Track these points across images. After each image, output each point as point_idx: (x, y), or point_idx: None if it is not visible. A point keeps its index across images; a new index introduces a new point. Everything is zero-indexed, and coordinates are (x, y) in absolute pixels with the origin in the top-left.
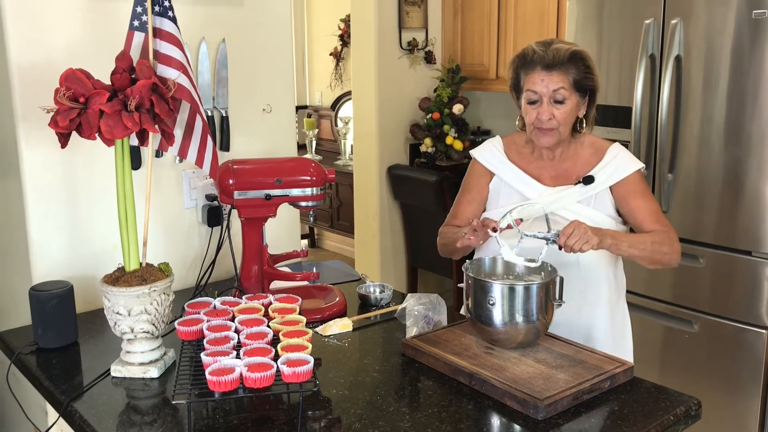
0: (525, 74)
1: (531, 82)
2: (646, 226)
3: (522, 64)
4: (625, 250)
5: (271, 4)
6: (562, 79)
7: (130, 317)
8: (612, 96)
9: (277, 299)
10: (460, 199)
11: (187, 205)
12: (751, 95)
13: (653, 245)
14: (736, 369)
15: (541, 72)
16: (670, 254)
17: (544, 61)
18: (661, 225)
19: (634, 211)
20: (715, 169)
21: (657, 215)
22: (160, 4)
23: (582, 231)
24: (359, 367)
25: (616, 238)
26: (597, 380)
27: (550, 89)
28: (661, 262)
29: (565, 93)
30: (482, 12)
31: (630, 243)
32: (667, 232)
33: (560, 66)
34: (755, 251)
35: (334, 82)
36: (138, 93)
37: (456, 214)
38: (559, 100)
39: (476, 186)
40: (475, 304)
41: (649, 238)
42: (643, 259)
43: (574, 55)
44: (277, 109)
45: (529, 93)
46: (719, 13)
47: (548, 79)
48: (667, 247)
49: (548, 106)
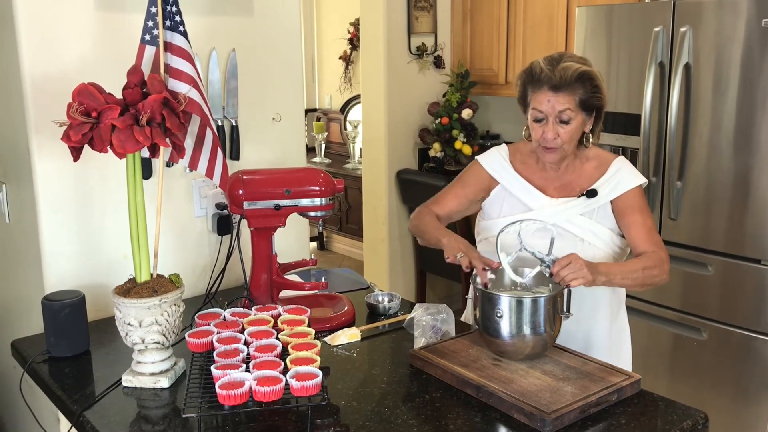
0: (532, 91)
1: (537, 101)
2: (638, 243)
3: (529, 81)
4: (618, 283)
5: (281, 15)
6: (569, 100)
7: (141, 328)
8: (621, 103)
9: (286, 310)
10: (450, 190)
11: (198, 214)
12: (760, 103)
13: (644, 271)
14: (745, 377)
15: (547, 92)
16: (659, 276)
17: (552, 81)
18: (652, 244)
19: (630, 226)
20: (724, 177)
21: (651, 233)
22: (171, 19)
23: (578, 266)
24: (367, 377)
25: (609, 275)
26: (604, 393)
27: (556, 109)
28: (650, 284)
29: (571, 114)
30: (491, 17)
31: (623, 275)
32: (658, 252)
33: (567, 87)
34: (764, 259)
35: (343, 86)
36: (149, 107)
37: (440, 201)
38: (564, 120)
39: (471, 186)
40: (483, 316)
41: (640, 265)
42: (635, 287)
43: (582, 75)
44: (286, 117)
45: (535, 111)
46: (728, 21)
47: (554, 100)
48: (657, 270)
49: (554, 126)
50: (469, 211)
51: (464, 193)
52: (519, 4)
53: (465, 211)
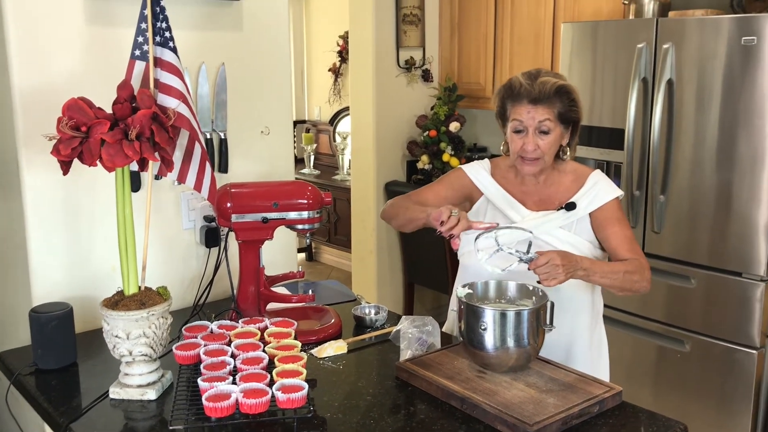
0: (511, 105)
1: (517, 113)
2: (619, 253)
3: (509, 95)
4: (597, 280)
5: (270, 30)
6: (548, 112)
7: (128, 340)
8: (606, 118)
9: (273, 323)
10: (431, 188)
11: (186, 226)
12: (742, 119)
13: (625, 275)
14: (728, 388)
15: (527, 105)
16: (640, 282)
17: (531, 95)
18: (633, 253)
19: (609, 238)
20: (706, 191)
21: (631, 243)
22: (161, 35)
23: (552, 267)
24: (353, 389)
25: (589, 270)
26: (586, 405)
27: (536, 120)
28: (632, 289)
29: (550, 125)
30: (479, 32)
31: (602, 273)
32: (639, 260)
33: (546, 100)
34: (745, 272)
35: (332, 98)
36: (139, 122)
37: (418, 194)
38: (544, 131)
39: (452, 190)
40: (468, 328)
41: (622, 268)
42: (614, 287)
43: (559, 89)
44: (275, 130)
45: (515, 122)
46: (710, 39)
47: (534, 112)
48: (638, 276)
49: (533, 137)
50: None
51: (445, 195)
52: (506, 19)
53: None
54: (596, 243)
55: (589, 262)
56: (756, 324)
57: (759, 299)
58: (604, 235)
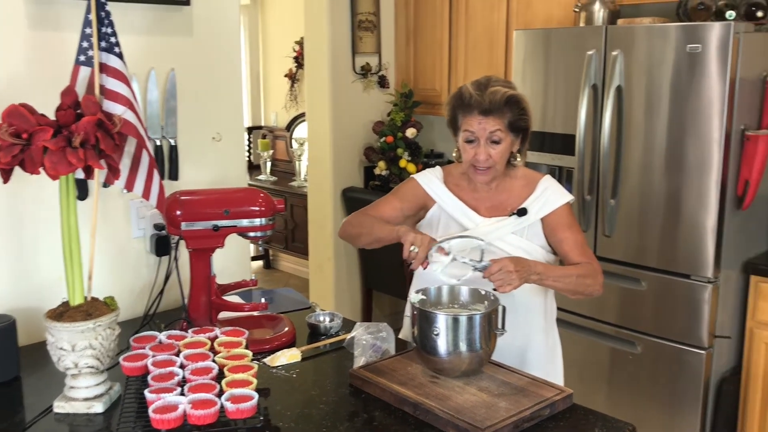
0: (462, 115)
1: (468, 124)
2: (571, 258)
3: (459, 105)
4: (550, 284)
5: (222, 35)
6: (498, 123)
7: (74, 352)
8: (557, 124)
9: (223, 332)
10: (387, 201)
11: (135, 235)
12: (690, 125)
13: (578, 278)
14: (678, 388)
15: (478, 116)
16: (593, 286)
17: (482, 106)
18: (585, 257)
19: (561, 242)
20: (656, 196)
21: (582, 247)
22: (107, 40)
23: (505, 273)
24: (307, 398)
25: (542, 274)
26: (537, 408)
27: (487, 131)
28: (584, 293)
29: (501, 135)
30: (434, 39)
31: (555, 277)
32: (591, 264)
33: (497, 110)
34: (694, 275)
35: (289, 103)
36: (83, 129)
37: (376, 209)
38: (495, 141)
39: (407, 201)
40: (421, 334)
41: (575, 272)
42: (567, 291)
43: (509, 99)
44: (227, 137)
45: (466, 133)
46: (657, 46)
47: (485, 122)
48: (591, 280)
49: (485, 147)
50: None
51: (401, 206)
52: (460, 26)
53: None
54: (548, 248)
55: (542, 267)
56: (704, 325)
57: (707, 301)
58: (556, 240)
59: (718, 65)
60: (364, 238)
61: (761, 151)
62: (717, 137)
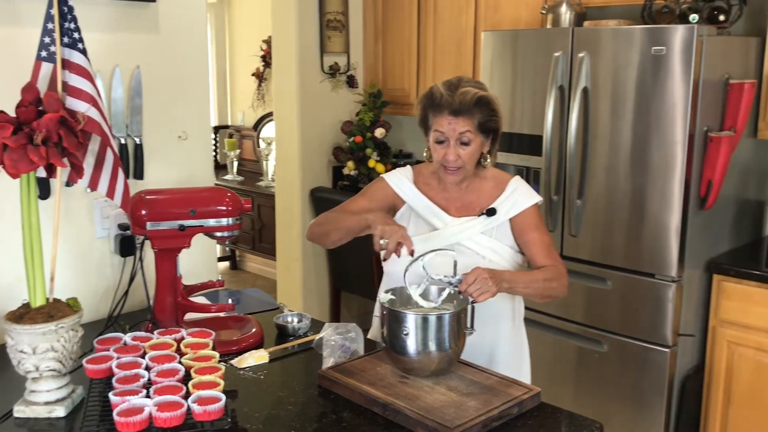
0: (433, 115)
1: (438, 124)
2: (538, 259)
3: (429, 105)
4: (520, 291)
5: (188, 32)
6: (468, 123)
7: (35, 355)
8: (525, 125)
9: (190, 333)
10: (356, 201)
11: (99, 235)
12: (654, 126)
13: (545, 282)
14: (643, 386)
15: (448, 116)
16: (558, 288)
17: (452, 106)
18: (551, 259)
19: (528, 243)
20: (621, 196)
21: (549, 249)
22: (70, 36)
23: (482, 280)
24: (275, 400)
25: (512, 281)
26: (506, 407)
27: (456, 132)
28: (551, 296)
29: (471, 135)
30: (402, 39)
31: (524, 284)
32: (557, 266)
33: (467, 111)
34: (658, 274)
35: (256, 103)
36: (45, 126)
37: (347, 209)
38: (464, 142)
39: (376, 201)
40: (390, 333)
41: (541, 276)
42: (535, 296)
43: (479, 100)
44: (193, 135)
45: (436, 133)
46: (623, 48)
47: (455, 123)
48: (556, 282)
49: (455, 148)
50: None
51: (370, 207)
52: (429, 26)
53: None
54: (516, 248)
55: (510, 275)
56: (668, 323)
57: (671, 299)
58: (524, 241)
59: (682, 67)
60: (333, 234)
61: (723, 152)
62: (681, 138)
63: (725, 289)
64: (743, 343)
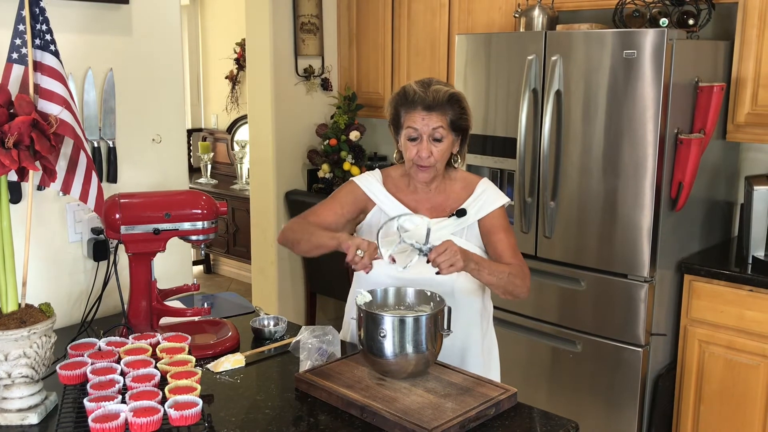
0: (405, 112)
1: (412, 120)
2: (504, 260)
3: (402, 103)
4: (485, 277)
5: (161, 34)
6: (441, 119)
7: (7, 362)
8: (499, 127)
9: (165, 338)
10: (326, 206)
11: (72, 239)
12: (626, 128)
13: (509, 276)
14: (616, 385)
15: (422, 112)
16: (521, 287)
17: (425, 102)
18: (517, 260)
19: (495, 244)
20: (594, 198)
21: (514, 250)
22: (41, 38)
23: (452, 253)
24: (252, 404)
25: (479, 264)
26: (483, 408)
27: (429, 128)
28: (513, 293)
29: (443, 132)
30: (376, 42)
31: (490, 271)
32: (522, 267)
33: (439, 107)
34: (630, 274)
35: (230, 106)
36: (17, 129)
37: (316, 214)
38: (437, 138)
39: (347, 205)
40: (367, 336)
41: (507, 269)
42: (498, 287)
43: (451, 97)
44: (167, 139)
45: (409, 130)
46: (595, 52)
47: (428, 118)
48: (520, 281)
49: (428, 144)
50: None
51: (342, 211)
52: (403, 30)
53: (338, 230)
54: (485, 249)
55: (478, 257)
56: (641, 323)
57: (643, 299)
58: (490, 241)
59: (653, 70)
60: (303, 244)
61: (694, 153)
62: (652, 140)
63: (696, 288)
64: (714, 341)
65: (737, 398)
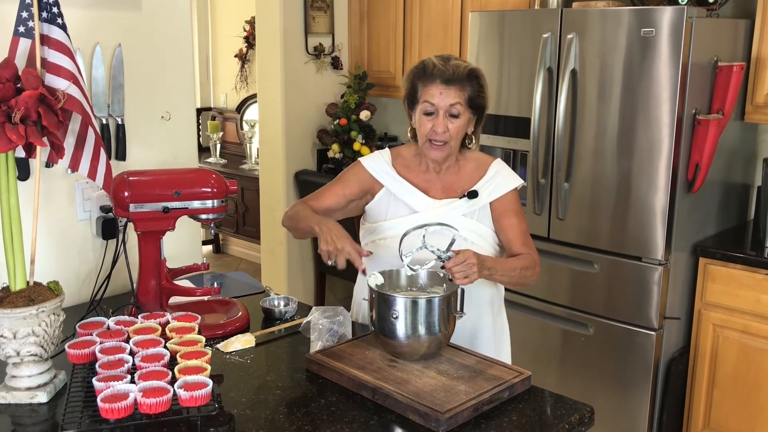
0: (423, 86)
1: (429, 94)
2: (515, 246)
3: (420, 76)
4: (498, 279)
5: (171, 10)
6: (459, 95)
7: (15, 340)
8: (512, 107)
9: (175, 317)
10: (330, 188)
11: (81, 217)
12: (641, 109)
13: (521, 271)
14: (629, 369)
15: (440, 85)
16: (531, 277)
17: (444, 75)
18: (527, 247)
19: (506, 229)
20: (608, 179)
21: (525, 237)
22: (48, 11)
23: (469, 265)
24: (262, 384)
25: (493, 269)
26: (496, 390)
27: (447, 103)
28: (524, 284)
29: (461, 108)
30: (388, 20)
31: (503, 272)
32: (531, 255)
33: (458, 82)
34: (644, 257)
35: (239, 85)
36: (24, 104)
37: (318, 197)
38: (454, 114)
39: (351, 186)
40: (379, 317)
41: (518, 264)
42: (510, 284)
43: (471, 72)
44: (176, 116)
45: (426, 104)
46: (611, 30)
47: (446, 93)
48: (531, 271)
49: (444, 119)
50: (348, 212)
51: (343, 192)
52: (414, 8)
53: (342, 211)
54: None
55: (491, 262)
56: (654, 306)
57: (657, 282)
58: (501, 226)
59: (671, 49)
60: (296, 231)
61: (711, 134)
62: (668, 121)
63: (711, 272)
64: (728, 325)
65: (751, 383)
